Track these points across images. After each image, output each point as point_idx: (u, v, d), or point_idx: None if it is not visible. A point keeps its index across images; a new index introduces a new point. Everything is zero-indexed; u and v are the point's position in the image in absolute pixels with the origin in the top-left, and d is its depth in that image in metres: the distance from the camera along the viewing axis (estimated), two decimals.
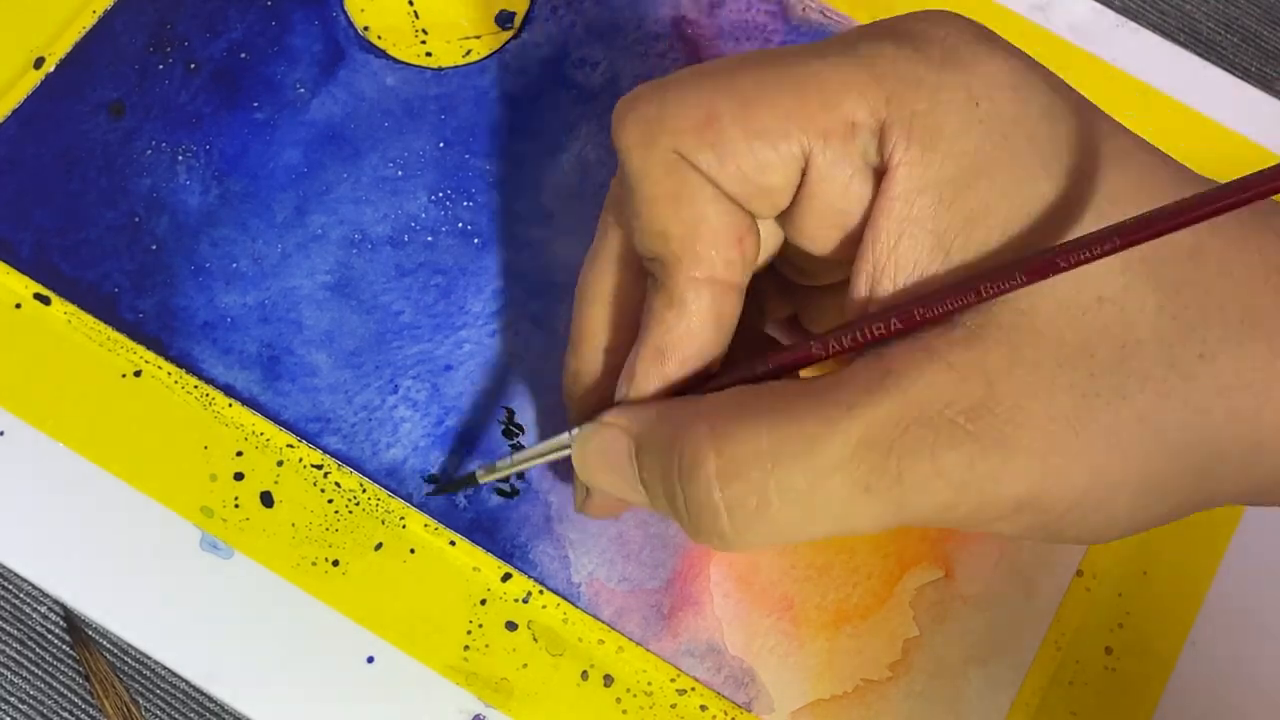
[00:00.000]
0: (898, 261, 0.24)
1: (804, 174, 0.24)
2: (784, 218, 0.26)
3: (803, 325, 0.31)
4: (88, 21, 0.36)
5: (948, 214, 0.23)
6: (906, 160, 0.23)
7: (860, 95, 0.23)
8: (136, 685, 0.33)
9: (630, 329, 0.27)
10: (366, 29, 0.37)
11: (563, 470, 0.33)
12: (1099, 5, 0.39)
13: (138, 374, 0.33)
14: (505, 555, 0.32)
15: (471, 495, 0.32)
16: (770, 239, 0.26)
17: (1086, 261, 0.22)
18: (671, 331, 0.25)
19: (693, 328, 0.25)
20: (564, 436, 0.28)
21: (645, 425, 0.26)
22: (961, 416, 0.22)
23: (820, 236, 0.25)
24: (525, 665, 0.31)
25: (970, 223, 0.23)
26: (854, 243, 0.24)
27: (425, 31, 0.37)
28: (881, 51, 0.24)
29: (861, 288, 0.24)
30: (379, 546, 0.32)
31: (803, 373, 0.26)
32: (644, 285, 0.27)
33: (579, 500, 0.30)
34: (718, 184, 0.24)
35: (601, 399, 0.28)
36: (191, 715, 0.33)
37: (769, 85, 0.24)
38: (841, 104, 0.23)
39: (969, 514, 0.23)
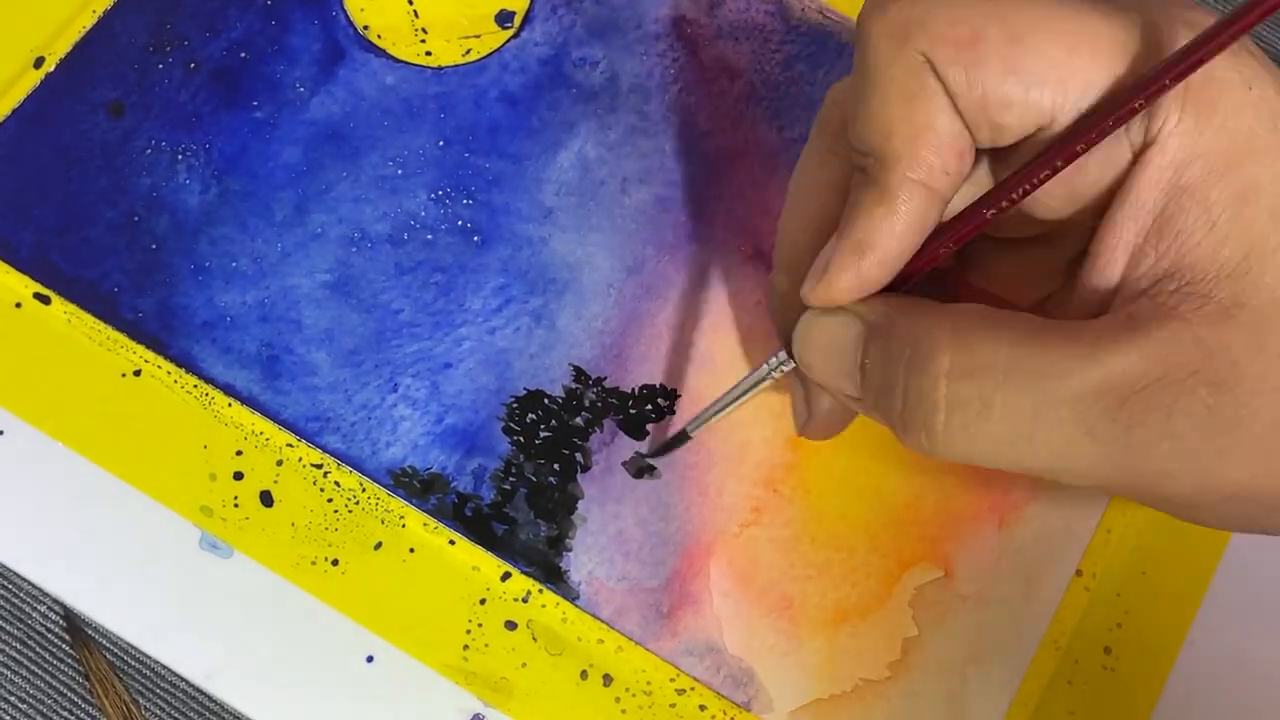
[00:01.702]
0: (1162, 228, 0.24)
1: (1040, 129, 0.24)
2: (1000, 156, 0.26)
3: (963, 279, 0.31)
4: (88, 21, 0.36)
5: (1219, 186, 0.23)
6: (1180, 130, 0.23)
7: (1133, 64, 0.23)
8: (136, 684, 0.33)
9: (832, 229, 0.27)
10: (366, 28, 0.37)
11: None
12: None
13: (137, 373, 0.33)
14: (504, 554, 0.32)
15: (471, 493, 0.32)
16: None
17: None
18: (878, 228, 0.25)
19: (897, 227, 0.25)
20: (760, 371, 0.29)
21: (880, 315, 0.26)
22: (1204, 388, 0.23)
23: (1049, 195, 0.25)
24: (524, 664, 0.31)
25: (1240, 199, 0.23)
26: (1073, 202, 0.25)
27: (425, 31, 0.37)
28: (1156, 24, 0.24)
29: (1117, 253, 0.24)
30: (378, 546, 0.32)
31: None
32: (846, 189, 0.27)
33: (799, 422, 0.30)
34: (956, 100, 0.24)
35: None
36: (191, 714, 0.33)
37: (1042, 27, 0.24)
38: (1111, 68, 0.23)
39: (1183, 489, 0.23)
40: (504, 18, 0.38)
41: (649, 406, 0.34)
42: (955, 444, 0.24)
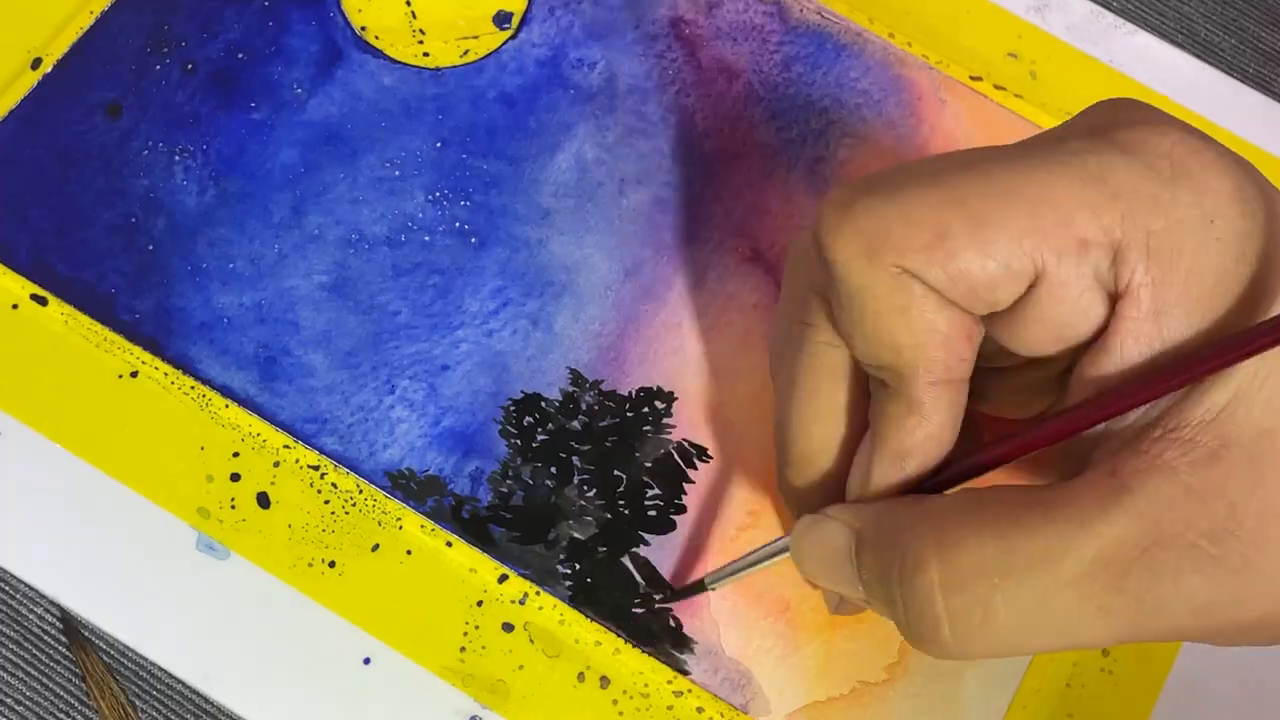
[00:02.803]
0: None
1: (1032, 285, 0.24)
2: (995, 317, 0.25)
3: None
4: (85, 22, 0.36)
5: (1197, 333, 0.23)
6: (1149, 281, 0.23)
7: (1093, 213, 0.23)
8: (133, 686, 0.33)
9: (849, 430, 0.27)
10: (364, 29, 0.37)
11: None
12: (1096, 6, 0.39)
13: (134, 375, 0.33)
14: (502, 557, 0.32)
15: (468, 495, 0.32)
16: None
17: None
18: (913, 436, 0.25)
19: (932, 431, 0.25)
20: (780, 542, 0.28)
21: (867, 522, 0.26)
22: (1204, 539, 0.22)
23: (1033, 340, 0.25)
24: (522, 666, 0.31)
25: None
26: (1069, 348, 0.25)
27: (423, 32, 0.37)
28: (1113, 166, 0.23)
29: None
30: (375, 548, 0.32)
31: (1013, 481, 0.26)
32: (862, 388, 0.27)
33: (831, 604, 0.29)
34: (943, 295, 0.24)
35: (822, 499, 0.28)
36: (188, 716, 0.33)
37: (999, 201, 0.23)
38: (1075, 222, 0.23)
39: (1203, 634, 0.23)
40: (502, 19, 0.38)
41: (646, 409, 0.34)
42: (968, 650, 0.24)
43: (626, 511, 0.33)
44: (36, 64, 0.36)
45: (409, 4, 0.37)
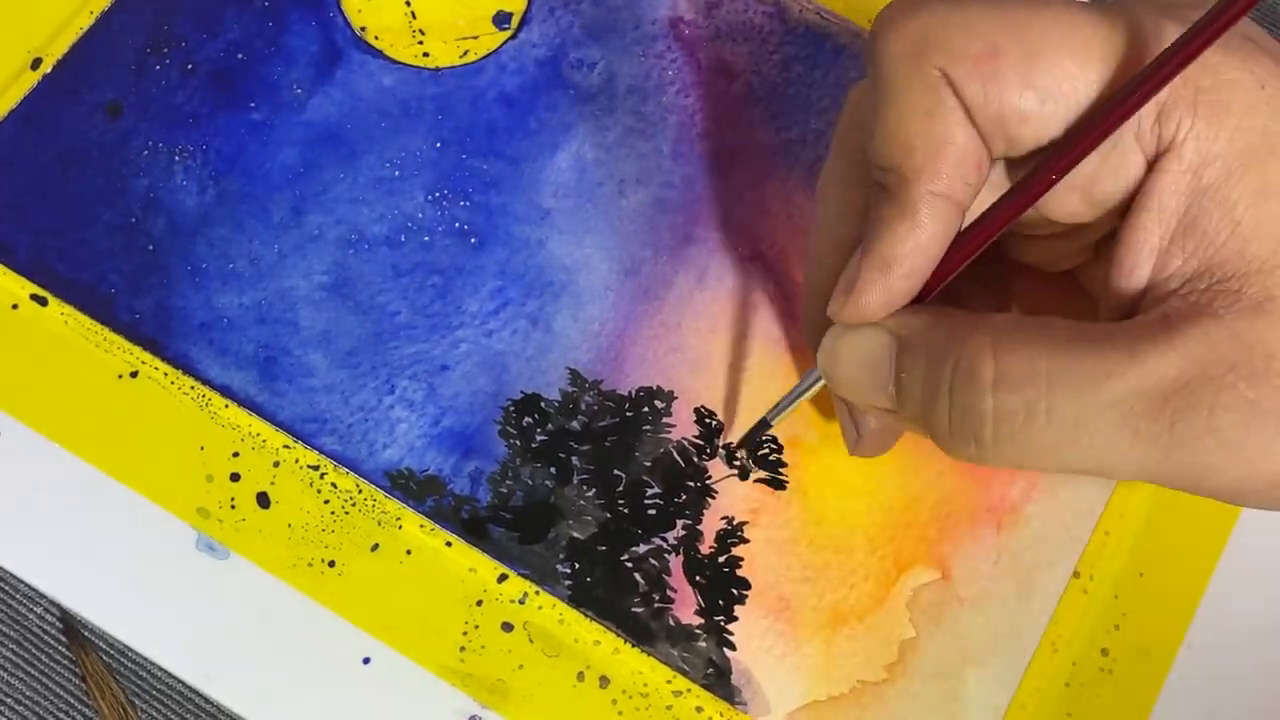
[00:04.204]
0: (1187, 230, 0.24)
1: (1058, 137, 0.24)
2: (1015, 164, 0.26)
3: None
4: (85, 22, 0.36)
5: (1239, 186, 0.24)
6: (1193, 134, 0.24)
7: (1144, 70, 0.23)
8: (133, 686, 0.33)
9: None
10: (364, 29, 0.37)
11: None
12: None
13: (134, 375, 0.33)
14: (501, 556, 0.32)
15: (467, 495, 0.32)
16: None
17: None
18: (902, 243, 0.25)
19: (922, 241, 0.25)
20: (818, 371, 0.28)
21: (912, 329, 0.26)
22: (1243, 382, 0.23)
23: (1064, 199, 0.25)
24: (521, 666, 0.31)
25: (1262, 196, 0.24)
26: (1092, 207, 0.25)
27: (422, 32, 0.37)
28: (1166, 27, 0.24)
29: (1142, 256, 0.25)
30: (375, 547, 0.32)
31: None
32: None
33: (850, 441, 0.30)
34: (972, 114, 0.25)
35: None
36: (188, 716, 0.33)
37: (1056, 39, 0.24)
38: (1124, 78, 0.24)
39: (1229, 481, 0.24)
40: (501, 19, 0.38)
41: (646, 409, 0.34)
42: (1004, 452, 0.25)
43: (626, 511, 0.33)
44: (37, 64, 0.36)
45: (409, 4, 0.37)
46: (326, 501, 0.32)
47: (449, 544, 0.32)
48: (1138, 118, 0.24)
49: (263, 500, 0.32)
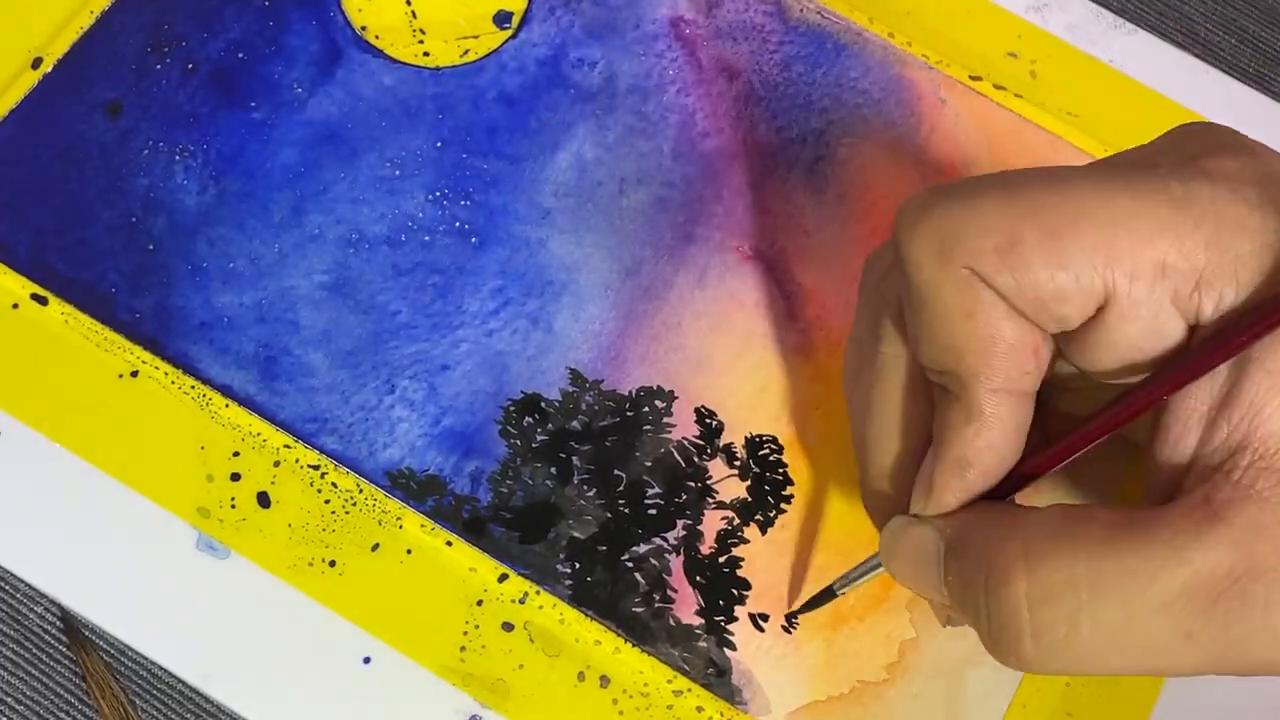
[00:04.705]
0: (1233, 399, 0.23)
1: (1102, 307, 0.24)
2: (1065, 336, 0.25)
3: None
4: (85, 21, 0.36)
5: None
6: (1238, 302, 0.23)
7: (1176, 238, 0.23)
8: (133, 685, 0.33)
9: (923, 442, 0.27)
10: (364, 29, 0.37)
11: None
12: (1096, 6, 0.39)
13: (134, 374, 0.33)
14: (502, 556, 0.32)
15: (468, 495, 0.32)
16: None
17: None
18: (971, 444, 0.25)
19: (993, 440, 0.25)
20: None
21: (956, 529, 0.26)
22: None
23: (1104, 360, 0.25)
24: (521, 666, 0.31)
25: None
26: (1138, 369, 0.25)
27: (423, 31, 0.37)
28: (1199, 193, 0.23)
29: (1190, 424, 0.24)
30: (375, 547, 0.32)
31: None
32: (928, 394, 0.27)
33: (942, 618, 0.29)
34: (1011, 303, 0.24)
35: (902, 508, 0.28)
36: (188, 716, 0.33)
37: (1075, 216, 0.23)
38: (1156, 245, 0.23)
39: None
40: (502, 18, 0.38)
41: (646, 409, 0.34)
42: (1048, 664, 0.24)
43: (627, 511, 0.33)
44: (37, 64, 0.36)
45: (409, 4, 0.37)
46: (327, 501, 0.32)
47: (449, 544, 0.32)
48: (1172, 282, 0.23)
49: (263, 500, 0.32)
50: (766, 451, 0.33)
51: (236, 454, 0.33)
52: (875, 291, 0.28)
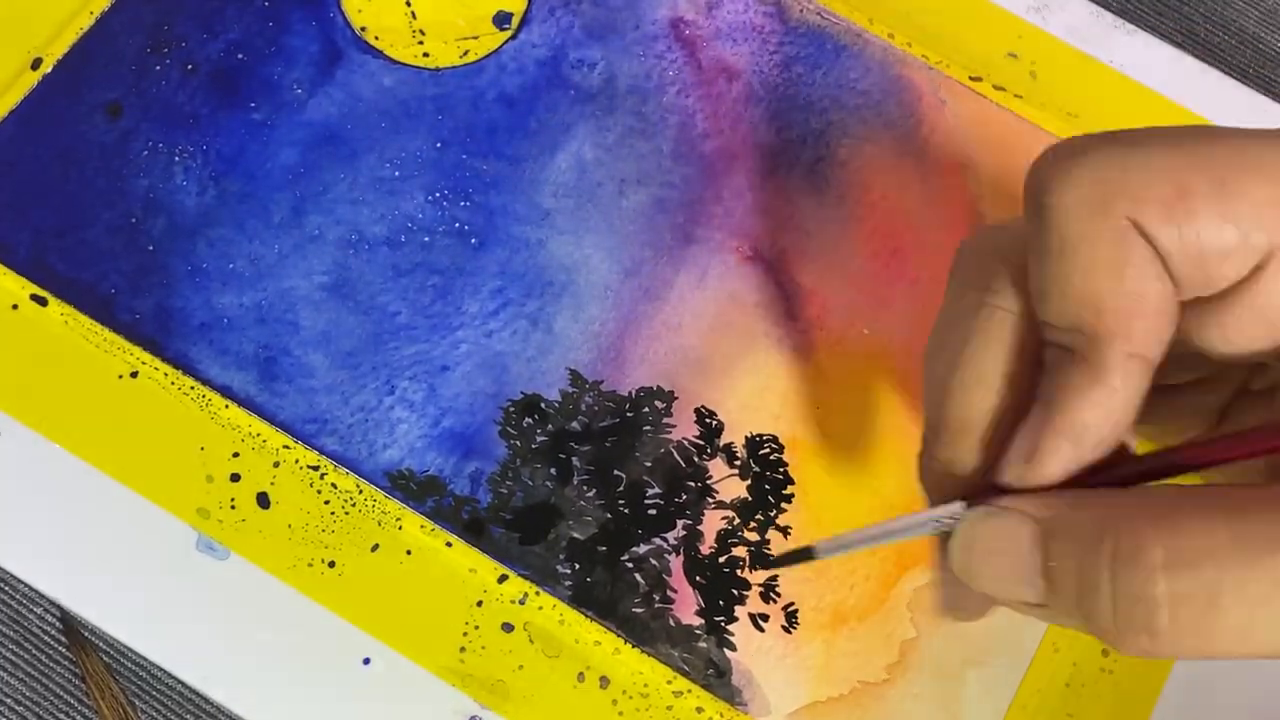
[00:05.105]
0: None
1: (1255, 270, 0.23)
2: (1200, 304, 0.24)
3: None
4: (85, 22, 0.36)
5: None
6: None
7: None
8: (133, 686, 0.33)
9: (1011, 402, 0.25)
10: (364, 29, 0.37)
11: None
12: (1096, 7, 0.39)
13: (134, 375, 0.33)
14: (501, 557, 0.32)
15: (468, 495, 0.32)
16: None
17: None
18: (1095, 409, 0.23)
19: (1116, 408, 0.23)
20: (921, 516, 0.25)
21: (1059, 510, 0.23)
22: None
23: (1242, 330, 0.23)
24: (521, 666, 0.31)
25: None
26: (1276, 339, 0.23)
27: (423, 32, 0.37)
28: None
29: None
30: (375, 548, 0.32)
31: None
32: (1030, 363, 0.25)
33: (946, 604, 0.27)
34: (1166, 261, 0.23)
35: (964, 484, 0.26)
36: (188, 716, 0.33)
37: (1247, 168, 0.22)
38: None
39: None
40: (502, 19, 0.38)
41: (646, 409, 0.34)
42: (1185, 643, 0.22)
43: (626, 511, 0.33)
44: (37, 64, 0.36)
45: (409, 4, 0.37)
46: (327, 502, 0.32)
47: (449, 544, 0.32)
48: None
49: (263, 500, 0.32)
50: (767, 451, 0.33)
51: (236, 455, 0.33)
52: (980, 257, 0.26)
